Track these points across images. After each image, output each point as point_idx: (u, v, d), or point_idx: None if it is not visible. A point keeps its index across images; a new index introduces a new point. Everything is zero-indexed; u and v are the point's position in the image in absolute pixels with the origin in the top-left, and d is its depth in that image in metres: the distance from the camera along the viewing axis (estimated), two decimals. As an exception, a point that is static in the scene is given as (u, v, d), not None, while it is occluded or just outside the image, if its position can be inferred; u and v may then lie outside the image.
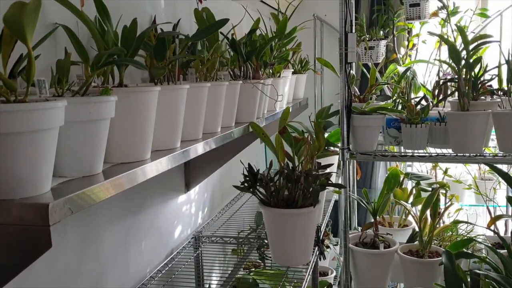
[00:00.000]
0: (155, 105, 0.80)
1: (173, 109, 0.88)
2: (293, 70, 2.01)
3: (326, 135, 1.87)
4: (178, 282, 1.41)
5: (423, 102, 1.79)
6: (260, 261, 1.85)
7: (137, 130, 0.77)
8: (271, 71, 1.56)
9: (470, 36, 1.74)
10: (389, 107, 1.77)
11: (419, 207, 1.89)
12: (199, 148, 0.99)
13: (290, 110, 1.22)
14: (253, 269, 1.82)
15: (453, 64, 1.61)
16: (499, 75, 1.65)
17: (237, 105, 1.24)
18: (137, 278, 1.27)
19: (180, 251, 1.48)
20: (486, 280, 1.27)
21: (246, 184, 1.18)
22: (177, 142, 0.91)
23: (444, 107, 1.81)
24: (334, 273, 2.42)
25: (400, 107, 1.86)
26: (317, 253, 1.49)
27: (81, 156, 0.66)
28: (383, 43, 2.52)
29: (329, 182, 1.18)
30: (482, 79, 1.62)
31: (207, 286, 1.53)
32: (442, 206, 1.88)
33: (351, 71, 1.78)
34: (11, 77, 0.66)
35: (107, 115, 0.68)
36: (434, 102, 1.79)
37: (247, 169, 1.18)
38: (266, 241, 1.46)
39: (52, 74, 0.70)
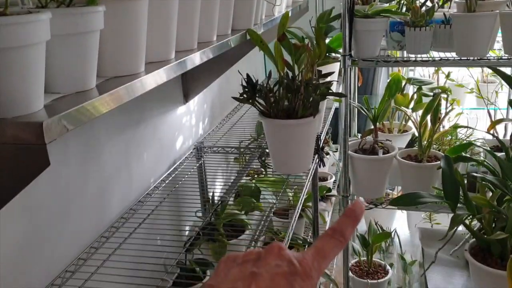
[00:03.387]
0: (145, 14, 0.76)
1: (165, 17, 0.83)
2: (292, -29, 1.90)
3: (327, 40, 1.82)
4: (182, 190, 1.45)
5: (429, 4, 1.72)
6: (262, 169, 1.88)
7: (129, 42, 0.74)
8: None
9: None
10: (393, 9, 1.70)
11: (420, 112, 1.88)
12: (196, 58, 0.96)
13: (290, 15, 1.17)
14: (255, 176, 1.87)
15: (461, -39, 1.51)
16: (510, -28, 1.56)
17: (233, 10, 1.18)
18: (141, 189, 1.30)
19: (182, 162, 1.51)
20: (483, 182, 1.29)
21: (245, 96, 1.16)
22: (171, 53, 0.88)
23: (450, 8, 1.74)
24: (334, 178, 2.49)
25: (404, 9, 1.78)
26: (317, 160, 1.51)
27: (72, 71, 0.64)
28: None
29: (330, 91, 1.16)
30: (491, -24, 1.54)
31: (211, 193, 1.57)
32: (443, 110, 1.88)
33: (354, -28, 1.69)
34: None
35: (96, 26, 0.65)
36: (440, 3, 1.71)
37: (246, 80, 1.16)
38: (267, 150, 1.48)
39: (34, -17, 0.66)
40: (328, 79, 1.19)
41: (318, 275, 0.41)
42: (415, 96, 2.16)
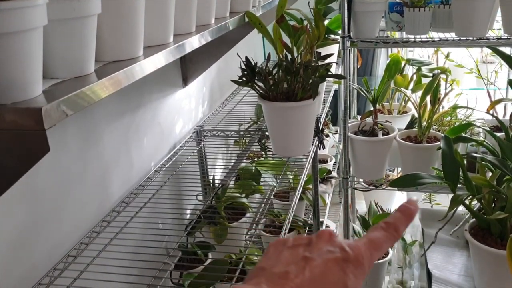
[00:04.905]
0: (143, -3, 0.75)
1: (163, 1, 0.83)
2: (290, -48, 1.88)
3: (326, 22, 1.80)
4: (182, 174, 1.45)
5: (428, -17, 1.70)
6: (262, 152, 1.89)
7: (127, 26, 0.73)
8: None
9: None
10: (392, -10, 1.68)
11: (419, 93, 1.88)
12: (194, 42, 0.95)
13: (288, -3, 1.16)
14: (256, 159, 1.87)
15: None
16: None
17: (231, -7, 1.17)
18: (141, 173, 1.30)
19: (182, 145, 1.51)
20: (483, 162, 1.30)
21: (244, 79, 1.16)
22: (169, 36, 0.87)
23: (449, -13, 1.72)
24: (334, 160, 2.49)
25: (403, -11, 1.77)
26: (317, 143, 1.51)
27: (71, 56, 0.63)
28: None
29: (329, 73, 1.16)
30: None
31: (211, 177, 1.58)
32: (442, 91, 1.87)
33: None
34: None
35: (93, 11, 0.64)
36: (440, -17, 1.70)
37: (244, 62, 1.15)
38: (267, 133, 1.48)
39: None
40: (327, 60, 1.18)
41: (370, 265, 0.41)
42: (414, 77, 2.15)
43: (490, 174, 1.32)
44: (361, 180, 2.00)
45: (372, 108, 1.87)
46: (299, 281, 0.37)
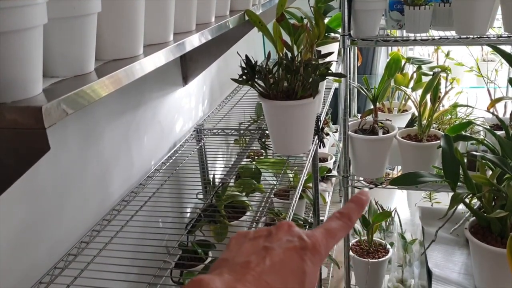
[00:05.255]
0: (143, -4, 0.75)
1: None
2: (290, -50, 1.87)
3: (326, 20, 1.80)
4: (183, 173, 1.45)
5: (428, -18, 1.70)
6: (263, 151, 1.89)
7: (127, 24, 0.73)
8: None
9: None
10: (392, -12, 1.68)
11: (420, 91, 1.88)
12: (194, 40, 0.95)
13: (288, -5, 1.16)
14: (256, 158, 1.87)
15: None
16: None
17: (231, -9, 1.17)
18: (142, 171, 1.30)
19: (183, 144, 1.51)
20: (483, 161, 1.30)
21: (244, 77, 1.15)
22: (169, 35, 0.87)
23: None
24: (334, 159, 2.49)
25: (403, -12, 1.76)
26: (317, 141, 1.51)
27: (71, 54, 0.63)
28: None
29: (329, 71, 1.15)
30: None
31: (211, 175, 1.58)
32: (442, 90, 1.87)
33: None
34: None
35: (93, 9, 0.64)
36: (440, -19, 1.69)
37: (245, 61, 1.15)
38: (267, 132, 1.48)
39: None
40: (328, 59, 1.18)
41: (326, 252, 0.43)
42: (414, 76, 2.15)
43: (490, 172, 1.32)
44: (361, 178, 2.00)
45: (372, 107, 1.87)
46: (260, 269, 0.39)
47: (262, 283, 0.38)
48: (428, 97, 1.79)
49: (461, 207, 1.39)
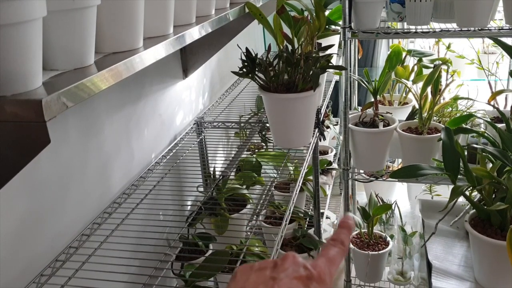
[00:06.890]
0: (143, -11, 0.75)
1: (163, -8, 0.82)
2: None
3: (327, 12, 1.79)
4: (183, 166, 1.45)
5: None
6: (263, 143, 1.89)
7: (126, 17, 0.73)
8: None
9: None
10: (393, -20, 1.67)
11: (420, 84, 1.87)
12: (194, 33, 0.95)
13: (289, -13, 1.15)
14: (256, 151, 1.87)
15: None
16: None
17: (231, -16, 1.17)
18: (142, 164, 1.30)
19: (183, 137, 1.51)
20: (483, 154, 1.30)
21: (244, 70, 1.15)
22: (169, 28, 0.87)
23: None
24: (334, 152, 2.49)
25: (404, -21, 1.76)
26: (317, 134, 1.51)
27: (70, 47, 0.63)
28: None
29: (330, 64, 1.15)
30: None
31: (212, 168, 1.58)
32: (443, 82, 1.87)
33: None
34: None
35: (93, 2, 0.64)
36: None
37: (245, 54, 1.15)
38: (267, 125, 1.48)
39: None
40: (328, 52, 1.18)
41: (331, 281, 0.45)
42: (415, 68, 2.14)
43: (491, 165, 1.32)
44: (361, 171, 2.01)
45: (372, 99, 1.87)
46: None
47: None
48: (428, 89, 1.79)
49: (461, 199, 1.39)
